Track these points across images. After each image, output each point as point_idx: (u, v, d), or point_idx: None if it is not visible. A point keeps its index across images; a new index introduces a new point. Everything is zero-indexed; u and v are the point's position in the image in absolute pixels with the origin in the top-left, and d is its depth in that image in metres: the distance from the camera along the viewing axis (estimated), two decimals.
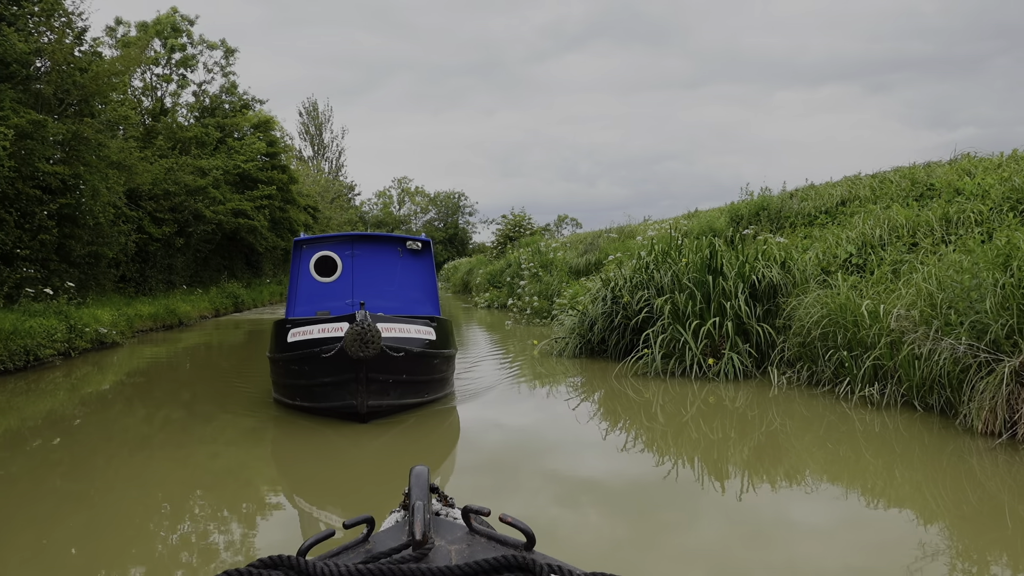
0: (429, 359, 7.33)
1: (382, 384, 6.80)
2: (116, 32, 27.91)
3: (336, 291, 8.85)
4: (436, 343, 7.40)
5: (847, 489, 4.99)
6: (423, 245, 9.03)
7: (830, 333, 7.71)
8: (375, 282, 8.87)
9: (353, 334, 6.29)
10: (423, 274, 9.04)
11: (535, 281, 20.24)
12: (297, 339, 7.03)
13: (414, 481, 1.54)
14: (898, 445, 5.92)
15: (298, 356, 6.98)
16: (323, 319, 7.09)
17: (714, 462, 5.80)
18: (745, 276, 9.16)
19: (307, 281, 8.81)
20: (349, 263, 8.88)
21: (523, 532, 1.42)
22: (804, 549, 4.14)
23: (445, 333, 7.83)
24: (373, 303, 8.32)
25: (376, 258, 8.96)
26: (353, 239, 9.11)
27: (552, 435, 7.06)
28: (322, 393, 7.00)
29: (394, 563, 1.31)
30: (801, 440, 6.37)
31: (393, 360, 6.67)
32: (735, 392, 8.05)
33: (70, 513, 4.88)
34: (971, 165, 11.48)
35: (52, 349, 12.25)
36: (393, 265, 8.95)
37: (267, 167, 32.24)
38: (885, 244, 9.37)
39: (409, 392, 7.21)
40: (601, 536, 4.37)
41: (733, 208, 14.85)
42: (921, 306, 6.66)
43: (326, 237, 9.09)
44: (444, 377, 7.92)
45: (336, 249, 8.95)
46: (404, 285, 8.94)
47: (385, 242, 9.15)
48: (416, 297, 8.93)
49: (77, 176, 16.25)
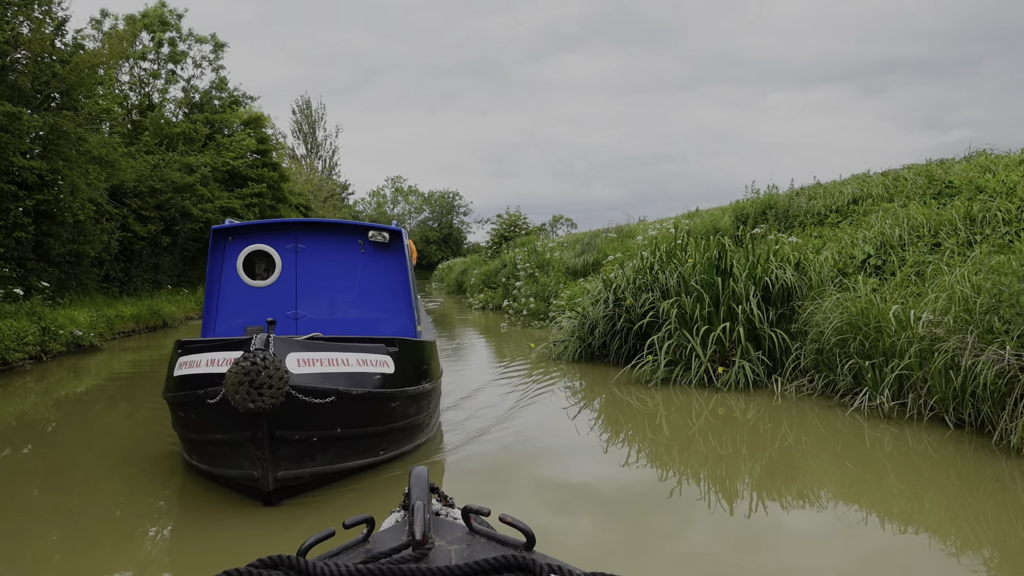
0: (382, 403, 5.14)
1: (300, 446, 4.65)
2: (102, 25, 27.23)
3: (273, 300, 6.67)
4: (395, 379, 5.20)
5: (868, 513, 4.50)
6: (391, 236, 6.78)
7: (850, 340, 7.16)
8: (328, 287, 6.78)
9: (238, 374, 4.15)
10: (393, 275, 6.81)
11: (531, 282, 19.67)
12: (183, 373, 4.94)
13: (414, 481, 1.53)
14: (927, 466, 5.36)
15: (183, 399, 4.92)
16: (219, 343, 4.97)
17: (722, 479, 5.31)
18: (757, 278, 8.60)
19: (233, 286, 6.66)
20: (291, 261, 6.77)
21: (523, 532, 1.41)
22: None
23: (415, 362, 5.72)
24: (322, 316, 6.62)
25: (329, 253, 6.80)
26: (297, 227, 6.88)
27: (550, 444, 6.53)
28: (217, 455, 4.86)
29: (394, 563, 1.31)
30: (817, 458, 5.84)
31: (316, 410, 4.57)
32: (746, 403, 7.50)
33: (48, 525, 4.57)
34: (989, 162, 10.95)
35: (23, 353, 11.61)
36: (352, 263, 6.80)
37: (257, 164, 31.55)
38: (905, 244, 8.83)
39: (350, 452, 5.04)
40: (599, 546, 4.20)
41: (738, 206, 14.31)
42: (956, 311, 6.11)
43: (259, 225, 6.87)
44: (412, 424, 5.68)
45: (273, 242, 6.76)
46: (368, 291, 6.81)
47: (340, 232, 6.88)
48: (384, 306, 6.80)
49: (55, 171, 15.60)
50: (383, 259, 6.83)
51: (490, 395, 8.55)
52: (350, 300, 6.81)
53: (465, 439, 6.51)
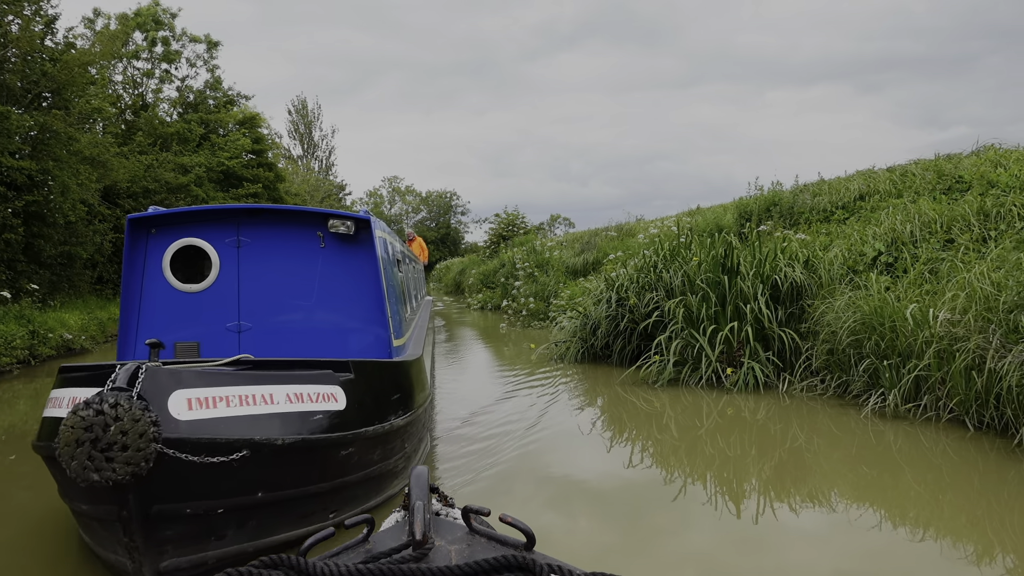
0: (327, 453, 3.78)
1: (196, 523, 3.29)
2: (95, 24, 26.94)
3: (209, 308, 5.35)
4: (347, 417, 3.87)
5: (883, 516, 4.30)
6: (357, 226, 5.38)
7: (863, 340, 6.92)
8: (278, 291, 5.41)
9: (74, 430, 2.88)
10: (361, 274, 5.44)
11: (530, 282, 19.41)
12: (48, 414, 3.63)
13: (414, 481, 1.53)
14: (947, 468, 5.13)
15: (42, 451, 3.59)
16: (98, 371, 3.50)
17: (729, 481, 5.13)
18: (765, 276, 8.35)
19: (157, 292, 5.34)
20: (232, 258, 5.40)
21: (523, 532, 1.42)
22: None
23: (380, 391, 4.37)
24: (271, 328, 5.34)
25: (280, 248, 5.44)
26: (239, 215, 5.47)
27: (551, 445, 6.29)
28: (91, 530, 3.55)
29: (394, 563, 1.31)
30: (830, 459, 5.62)
31: (219, 471, 3.25)
32: (755, 404, 7.26)
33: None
34: (998, 156, 10.72)
35: (11, 357, 11.33)
36: (309, 260, 5.44)
37: (253, 165, 31.27)
38: (917, 241, 8.59)
39: (281, 521, 3.69)
40: (600, 546, 4.09)
41: (741, 204, 14.06)
42: (976, 309, 5.86)
43: (190, 213, 5.44)
44: (377, 474, 4.33)
45: (209, 234, 5.39)
46: (329, 295, 5.42)
47: (294, 221, 5.47)
48: (351, 315, 5.42)
49: (45, 172, 15.32)
50: (348, 255, 5.43)
51: (490, 395, 8.30)
52: (307, 308, 5.41)
53: (465, 439, 6.27)
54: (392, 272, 6.09)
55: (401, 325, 5.88)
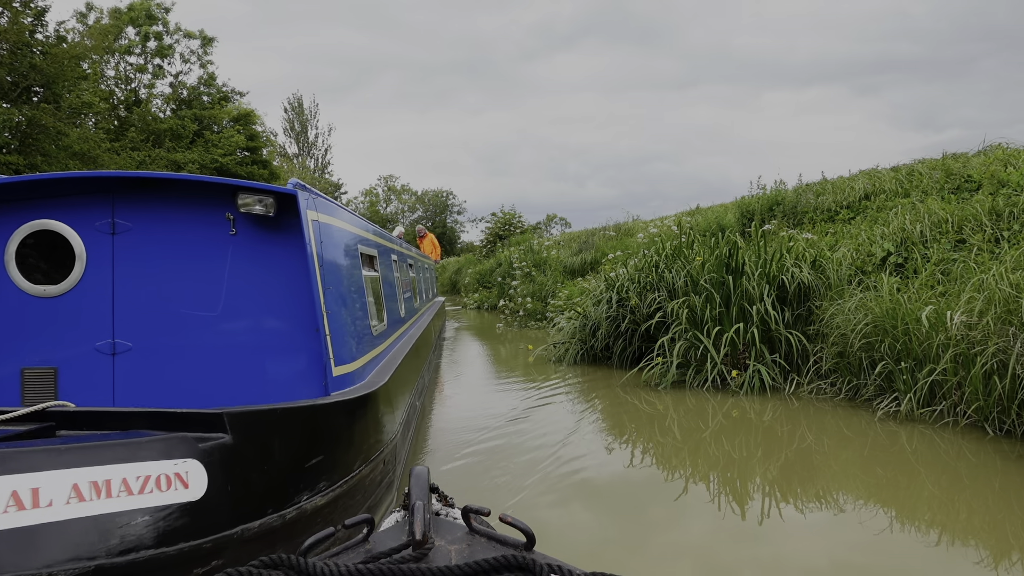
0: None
1: None
2: (87, 18, 26.59)
3: (72, 319, 3.87)
4: (208, 512, 2.38)
5: (896, 518, 4.15)
6: (279, 203, 3.81)
7: (875, 343, 6.69)
8: (170, 295, 3.89)
9: None
10: (287, 273, 3.89)
11: (528, 281, 19.16)
12: None
13: (414, 481, 1.53)
14: (966, 472, 4.94)
15: None
16: None
17: (733, 481, 5.02)
18: (771, 277, 8.11)
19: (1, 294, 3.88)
20: (105, 249, 3.91)
21: (523, 532, 1.40)
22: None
23: (289, 456, 2.89)
24: (160, 349, 3.86)
25: (171, 235, 3.92)
26: (114, 186, 3.92)
27: (553, 445, 6.06)
28: None
29: (394, 563, 1.30)
30: (838, 459, 5.44)
31: None
32: (762, 406, 7.05)
33: None
34: (1007, 155, 10.50)
35: None
36: (215, 252, 3.90)
37: (247, 162, 30.98)
38: (927, 241, 8.36)
39: None
40: (601, 546, 4.01)
41: (743, 203, 13.83)
42: (996, 311, 5.63)
43: (43, 182, 3.91)
44: None
45: (72, 215, 3.88)
46: (242, 303, 3.91)
47: (191, 196, 3.93)
48: (272, 331, 3.90)
49: (33, 167, 15.02)
50: (268, 245, 3.89)
51: (489, 396, 8.05)
52: (210, 321, 3.88)
53: (464, 440, 6.05)
54: (344, 270, 4.38)
55: (359, 343, 4.34)
